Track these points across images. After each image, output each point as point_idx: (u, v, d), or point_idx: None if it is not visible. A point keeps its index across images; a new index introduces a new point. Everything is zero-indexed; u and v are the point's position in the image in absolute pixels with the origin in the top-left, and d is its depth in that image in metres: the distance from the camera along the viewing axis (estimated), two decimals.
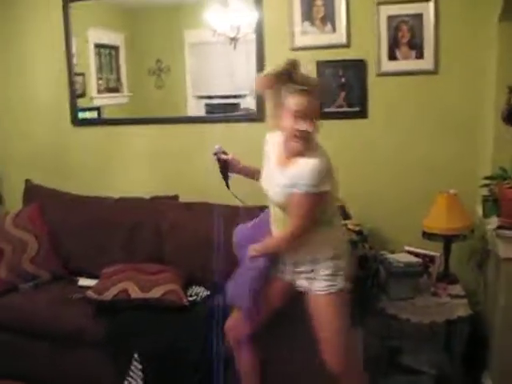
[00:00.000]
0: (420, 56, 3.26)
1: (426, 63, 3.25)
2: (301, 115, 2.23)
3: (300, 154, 2.30)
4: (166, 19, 3.79)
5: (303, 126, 2.24)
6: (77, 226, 3.59)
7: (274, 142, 2.45)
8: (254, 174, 2.57)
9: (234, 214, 2.93)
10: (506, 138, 2.87)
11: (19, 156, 4.11)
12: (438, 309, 2.91)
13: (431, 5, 3.18)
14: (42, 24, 3.94)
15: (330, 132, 3.39)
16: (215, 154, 2.57)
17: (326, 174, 2.29)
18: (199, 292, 3.14)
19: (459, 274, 3.12)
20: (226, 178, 2.60)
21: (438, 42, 3.22)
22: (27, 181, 3.90)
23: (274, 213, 2.47)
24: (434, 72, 3.24)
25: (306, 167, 2.26)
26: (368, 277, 3.01)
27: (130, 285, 3.01)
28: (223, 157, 2.57)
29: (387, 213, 3.34)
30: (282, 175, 2.34)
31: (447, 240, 3.03)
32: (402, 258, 3.05)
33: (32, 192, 3.84)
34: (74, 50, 3.90)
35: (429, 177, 3.28)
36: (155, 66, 3.86)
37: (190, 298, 3.05)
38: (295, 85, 2.25)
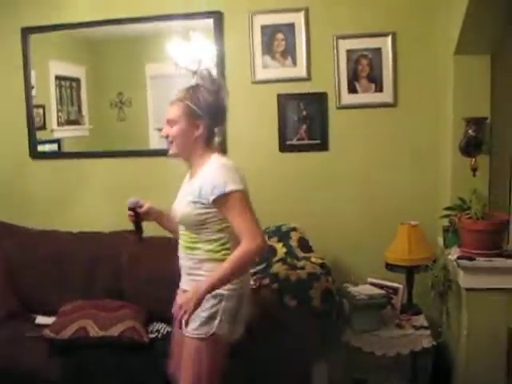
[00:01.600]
0: (379, 89, 3.32)
1: (386, 96, 3.31)
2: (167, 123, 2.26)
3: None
4: (127, 52, 3.78)
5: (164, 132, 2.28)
6: (34, 262, 3.48)
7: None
8: (168, 215, 2.44)
9: None
10: (463, 168, 2.91)
11: None
12: (403, 340, 2.91)
13: (389, 39, 3.26)
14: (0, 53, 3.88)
15: (291, 164, 3.45)
16: (132, 208, 2.42)
17: (233, 174, 2.18)
18: (160, 328, 3.06)
19: (422, 304, 3.12)
20: (140, 231, 2.49)
21: (396, 75, 3.29)
22: None
23: (181, 237, 2.33)
24: (392, 105, 3.31)
25: (208, 173, 2.19)
26: (332, 310, 2.98)
27: (88, 323, 2.92)
28: (141, 210, 2.43)
29: (350, 245, 3.35)
30: (189, 188, 2.26)
31: (410, 271, 3.04)
32: (365, 290, 3.05)
33: None
34: (33, 81, 3.84)
35: (390, 208, 3.31)
36: (117, 98, 3.82)
37: (151, 335, 2.98)
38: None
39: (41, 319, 3.28)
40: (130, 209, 2.44)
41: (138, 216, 2.45)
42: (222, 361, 2.24)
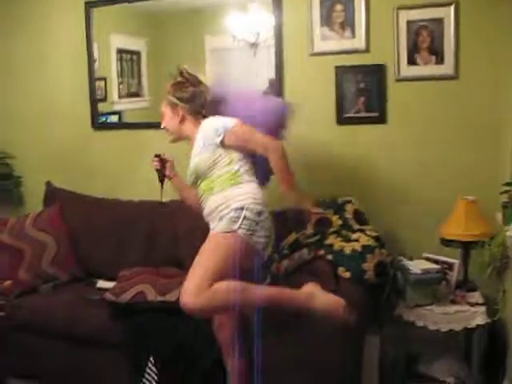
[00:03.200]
0: (440, 61, 3.23)
1: (447, 68, 3.22)
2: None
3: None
4: (186, 25, 3.81)
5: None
6: (96, 229, 3.63)
7: None
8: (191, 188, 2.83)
9: None
10: None
11: (40, 158, 4.16)
12: (457, 316, 2.88)
13: (452, 9, 3.16)
14: (63, 28, 4.00)
15: (348, 137, 3.43)
16: (158, 155, 2.93)
17: (221, 118, 2.65)
18: None
19: (478, 281, 3.07)
20: (162, 183, 2.97)
21: (458, 47, 3.19)
22: (48, 183, 3.95)
23: (200, 192, 2.68)
24: (454, 77, 3.22)
25: (207, 126, 2.65)
26: (385, 283, 2.98)
27: (147, 287, 3.02)
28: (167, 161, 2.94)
29: (406, 219, 3.32)
30: (194, 151, 2.72)
31: (466, 247, 3.00)
32: (420, 264, 3.02)
33: (52, 194, 3.89)
34: (95, 55, 3.95)
35: (448, 183, 3.25)
36: (176, 71, 3.87)
37: None
38: None
39: (101, 283, 3.42)
40: (156, 156, 2.92)
41: (163, 165, 2.92)
42: (235, 259, 2.39)
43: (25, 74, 4.15)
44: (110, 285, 3.24)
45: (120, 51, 4.01)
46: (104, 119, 4.04)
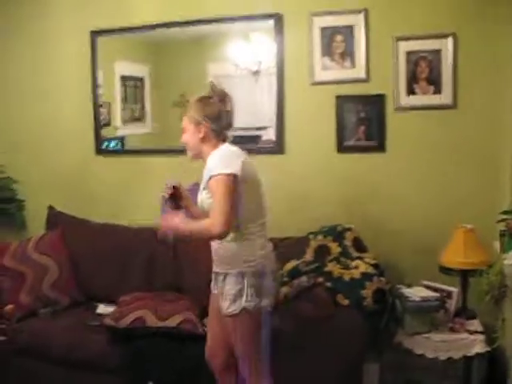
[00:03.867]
0: (438, 91, 3.29)
1: (445, 98, 3.28)
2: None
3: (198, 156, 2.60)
4: (189, 52, 3.88)
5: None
6: (97, 253, 3.65)
7: None
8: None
9: None
10: None
11: (43, 182, 4.19)
12: (456, 344, 2.89)
13: (450, 41, 3.23)
14: (69, 55, 4.06)
15: (349, 165, 3.47)
16: (173, 186, 2.68)
17: (228, 158, 2.43)
18: None
19: (477, 309, 3.08)
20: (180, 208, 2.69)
21: (456, 77, 3.26)
22: (50, 207, 3.98)
23: None
24: (452, 106, 3.28)
25: (209, 160, 2.46)
26: (384, 311, 2.99)
27: (146, 313, 3.02)
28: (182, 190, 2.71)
29: (404, 246, 3.34)
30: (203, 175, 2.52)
31: (465, 275, 3.02)
32: (418, 292, 3.04)
33: (54, 218, 3.91)
34: (99, 81, 4.01)
35: (446, 211, 3.28)
36: (179, 97, 3.93)
37: (206, 328, 3.06)
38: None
39: (102, 308, 3.42)
40: (172, 187, 2.68)
41: (177, 193, 2.69)
42: (260, 329, 2.45)
43: (30, 98, 4.19)
44: (110, 309, 3.25)
45: (124, 78, 4.07)
46: (107, 144, 4.09)
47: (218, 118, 2.53)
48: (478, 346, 2.85)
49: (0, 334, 3.16)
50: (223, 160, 2.42)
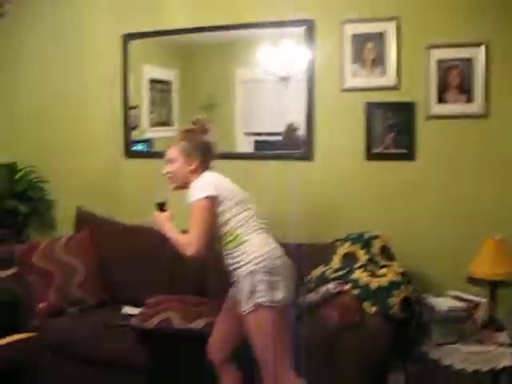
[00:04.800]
0: (470, 100, 3.27)
1: (476, 107, 3.26)
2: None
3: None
4: (217, 57, 3.90)
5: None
6: (124, 255, 3.67)
7: None
8: None
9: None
10: None
11: (72, 183, 4.24)
12: (483, 356, 2.84)
13: (482, 49, 3.20)
14: (101, 57, 4.13)
15: (376, 172, 3.46)
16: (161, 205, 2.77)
17: (203, 184, 2.56)
18: None
19: (506, 321, 3.04)
20: None
21: (488, 86, 3.22)
22: (79, 208, 4.03)
23: None
24: (484, 116, 3.24)
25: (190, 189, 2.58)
26: (410, 319, 2.97)
27: (172, 315, 3.05)
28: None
29: (432, 255, 3.31)
30: None
31: (493, 286, 2.98)
32: (445, 302, 3.01)
33: (83, 219, 3.96)
34: (129, 84, 4.05)
35: (475, 220, 3.25)
36: (206, 101, 3.96)
37: None
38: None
39: (127, 309, 3.44)
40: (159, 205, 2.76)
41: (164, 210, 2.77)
42: (281, 323, 2.48)
43: (62, 100, 4.26)
44: (135, 311, 3.28)
45: (152, 81, 4.11)
46: (135, 146, 4.13)
47: (208, 151, 2.68)
48: (507, 359, 2.81)
49: (33, 331, 3.20)
50: (199, 185, 2.55)
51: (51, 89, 4.28)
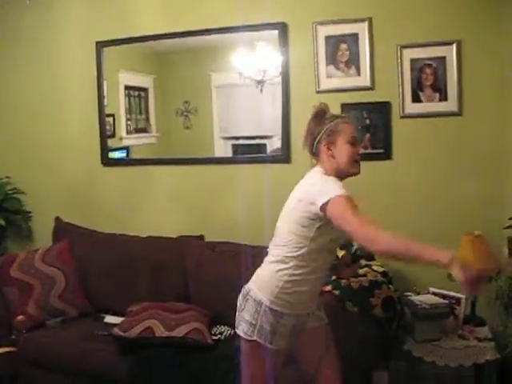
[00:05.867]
0: (444, 98, 3.29)
1: (450, 105, 3.28)
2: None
3: None
4: (193, 62, 3.90)
5: None
6: (104, 264, 3.65)
7: None
8: None
9: (260, 254, 2.95)
10: None
11: (49, 194, 4.21)
12: (466, 352, 2.86)
13: (454, 47, 3.23)
14: (75, 65, 4.09)
15: None
16: None
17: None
18: (223, 331, 3.14)
19: (486, 316, 3.08)
20: None
21: (461, 84, 3.26)
22: (57, 218, 3.98)
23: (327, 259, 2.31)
24: (457, 113, 3.28)
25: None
26: (393, 319, 2.99)
27: (154, 323, 3.03)
28: None
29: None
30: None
31: None
32: (427, 299, 3.02)
33: (61, 229, 3.92)
34: (105, 91, 4.03)
35: (453, 218, 3.28)
36: (183, 107, 3.95)
37: (214, 337, 3.06)
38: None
39: (109, 318, 3.42)
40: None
41: None
42: (272, 365, 2.25)
43: (36, 110, 4.23)
44: (118, 320, 3.25)
45: (128, 88, 4.09)
46: (112, 154, 4.10)
47: None
48: (489, 354, 2.83)
49: (11, 345, 3.16)
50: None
51: (26, 99, 4.25)
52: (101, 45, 3.97)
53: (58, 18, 4.11)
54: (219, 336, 3.10)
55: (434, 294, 3.13)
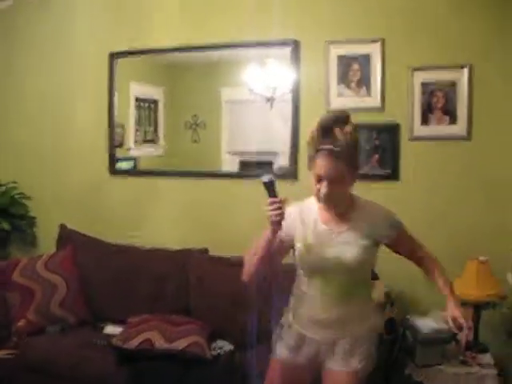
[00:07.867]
0: (453, 122, 3.30)
1: (459, 129, 3.29)
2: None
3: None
4: (204, 76, 3.92)
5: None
6: (106, 273, 3.64)
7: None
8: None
9: None
10: None
11: (55, 200, 4.21)
12: (467, 378, 2.84)
13: (465, 72, 3.24)
14: (88, 75, 4.12)
15: (361, 193, 3.45)
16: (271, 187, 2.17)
17: None
18: (223, 346, 3.12)
19: (489, 342, 3.04)
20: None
21: (471, 109, 3.26)
22: (62, 225, 3.98)
23: (338, 285, 2.25)
24: (466, 138, 3.28)
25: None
26: (395, 341, 2.96)
27: (154, 335, 3.01)
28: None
29: (416, 276, 3.28)
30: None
31: (477, 307, 2.98)
32: (429, 323, 2.99)
33: (65, 236, 3.91)
34: (115, 102, 4.05)
35: (459, 242, 3.26)
36: (192, 120, 3.96)
37: (213, 352, 3.04)
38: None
39: (109, 329, 3.40)
40: (268, 187, 2.15)
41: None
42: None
43: (45, 116, 4.25)
44: (117, 330, 3.24)
45: (138, 99, 4.11)
46: (120, 164, 4.11)
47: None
48: (490, 381, 2.80)
49: (11, 349, 3.16)
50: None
51: (37, 106, 4.27)
52: (114, 56, 3.99)
53: (71, 29, 4.14)
54: (219, 351, 3.07)
55: (437, 317, 3.10)
